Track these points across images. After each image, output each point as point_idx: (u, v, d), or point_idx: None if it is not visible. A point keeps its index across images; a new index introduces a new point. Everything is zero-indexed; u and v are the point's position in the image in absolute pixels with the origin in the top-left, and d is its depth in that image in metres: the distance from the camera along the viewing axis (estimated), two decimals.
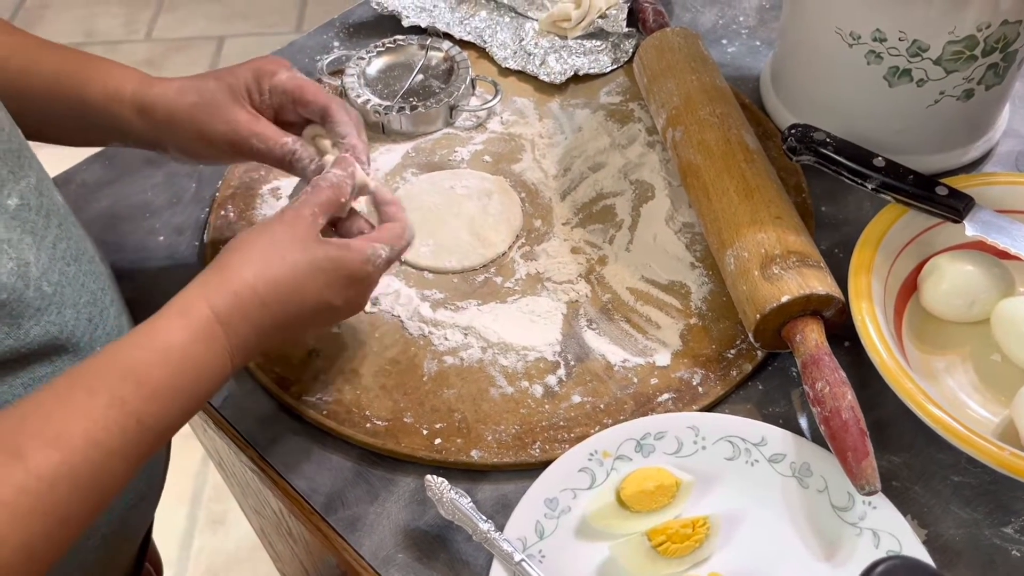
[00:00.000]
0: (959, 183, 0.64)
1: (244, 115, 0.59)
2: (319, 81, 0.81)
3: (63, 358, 0.51)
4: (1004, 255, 0.62)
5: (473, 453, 0.57)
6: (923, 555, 0.51)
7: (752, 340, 0.60)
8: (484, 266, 0.68)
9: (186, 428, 0.84)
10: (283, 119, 0.61)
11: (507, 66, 0.83)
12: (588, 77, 0.82)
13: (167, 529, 1.48)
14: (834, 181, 0.66)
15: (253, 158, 0.60)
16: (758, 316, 0.58)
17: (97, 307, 0.54)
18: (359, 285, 0.54)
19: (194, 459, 1.56)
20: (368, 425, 0.59)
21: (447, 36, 0.85)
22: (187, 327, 0.47)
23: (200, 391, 0.48)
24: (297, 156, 0.59)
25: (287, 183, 0.73)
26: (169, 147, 0.61)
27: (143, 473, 0.59)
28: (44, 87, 0.59)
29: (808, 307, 0.58)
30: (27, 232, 0.49)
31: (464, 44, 0.84)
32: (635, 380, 0.61)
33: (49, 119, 0.60)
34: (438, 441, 0.58)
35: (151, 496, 0.62)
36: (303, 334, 0.62)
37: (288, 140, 0.59)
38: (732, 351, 0.62)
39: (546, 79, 0.81)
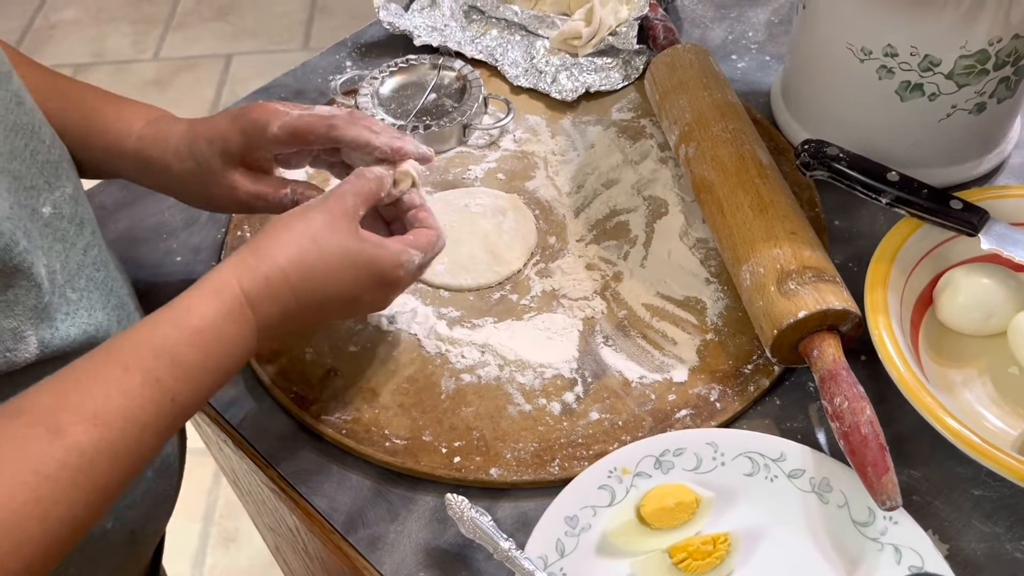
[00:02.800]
0: (973, 196, 0.64)
1: (241, 179, 0.59)
2: (331, 101, 0.82)
3: None
4: (1020, 268, 0.62)
5: (492, 471, 0.57)
6: (945, 570, 0.51)
7: (769, 355, 0.61)
8: (499, 284, 0.68)
9: (199, 446, 0.85)
10: (292, 154, 0.61)
11: (519, 84, 0.83)
12: (599, 94, 0.82)
13: (179, 547, 1.48)
14: (846, 195, 0.67)
15: (258, 212, 0.62)
16: (775, 332, 0.58)
17: (125, 310, 0.57)
18: (388, 287, 0.56)
19: (206, 476, 1.57)
20: (387, 444, 0.59)
21: (459, 55, 0.85)
22: (220, 308, 0.49)
23: (228, 369, 0.50)
24: (304, 197, 0.59)
25: None
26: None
27: (164, 473, 0.60)
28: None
29: (825, 322, 0.58)
30: (57, 240, 0.52)
31: (476, 63, 0.85)
32: (653, 396, 0.61)
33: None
34: (457, 459, 0.58)
35: (170, 496, 0.63)
36: (324, 320, 0.64)
37: (287, 191, 0.60)
38: (749, 366, 0.62)
39: (558, 96, 0.81)
